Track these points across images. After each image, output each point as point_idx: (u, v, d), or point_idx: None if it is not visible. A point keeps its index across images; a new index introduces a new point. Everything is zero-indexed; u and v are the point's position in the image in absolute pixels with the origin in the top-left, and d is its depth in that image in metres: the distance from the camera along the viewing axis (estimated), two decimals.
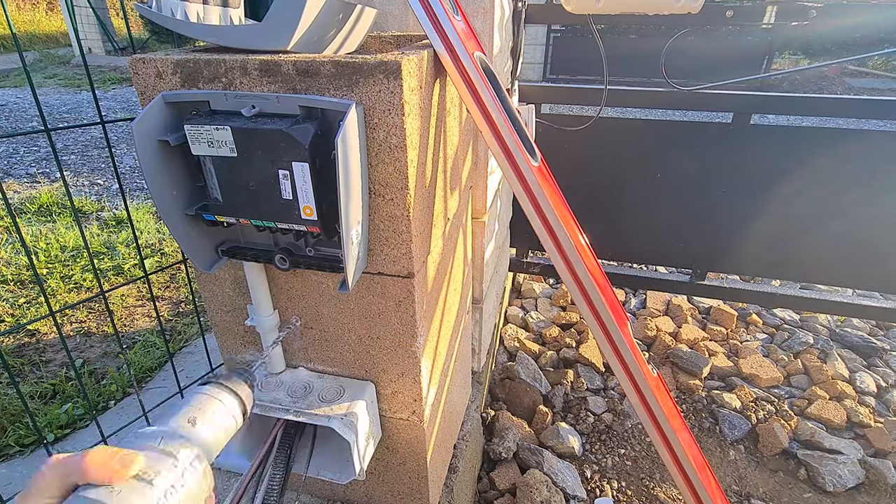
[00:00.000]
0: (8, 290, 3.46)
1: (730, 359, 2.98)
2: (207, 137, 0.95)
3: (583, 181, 2.61)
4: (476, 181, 1.80)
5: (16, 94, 9.58)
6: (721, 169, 2.42)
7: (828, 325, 3.35)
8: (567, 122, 2.42)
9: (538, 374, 2.82)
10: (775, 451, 2.45)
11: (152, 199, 1.00)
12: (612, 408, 2.67)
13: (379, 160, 1.02)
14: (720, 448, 2.48)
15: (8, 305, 3.29)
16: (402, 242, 1.11)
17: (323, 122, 0.97)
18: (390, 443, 1.47)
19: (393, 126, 0.98)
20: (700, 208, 2.52)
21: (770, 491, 2.32)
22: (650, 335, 3.09)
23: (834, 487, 2.29)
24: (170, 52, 1.10)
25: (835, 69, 11.26)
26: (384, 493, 1.60)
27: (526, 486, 2.15)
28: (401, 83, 0.94)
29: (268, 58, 0.99)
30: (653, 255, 2.77)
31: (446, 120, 1.25)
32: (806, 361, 2.93)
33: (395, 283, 1.17)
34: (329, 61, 0.95)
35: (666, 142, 2.46)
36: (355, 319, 1.26)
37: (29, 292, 3.44)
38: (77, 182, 5.64)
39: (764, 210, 2.45)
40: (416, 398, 1.35)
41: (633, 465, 2.41)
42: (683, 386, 2.77)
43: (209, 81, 1.02)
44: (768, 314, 3.43)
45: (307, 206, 0.98)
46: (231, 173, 0.99)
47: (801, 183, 2.37)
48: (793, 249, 2.51)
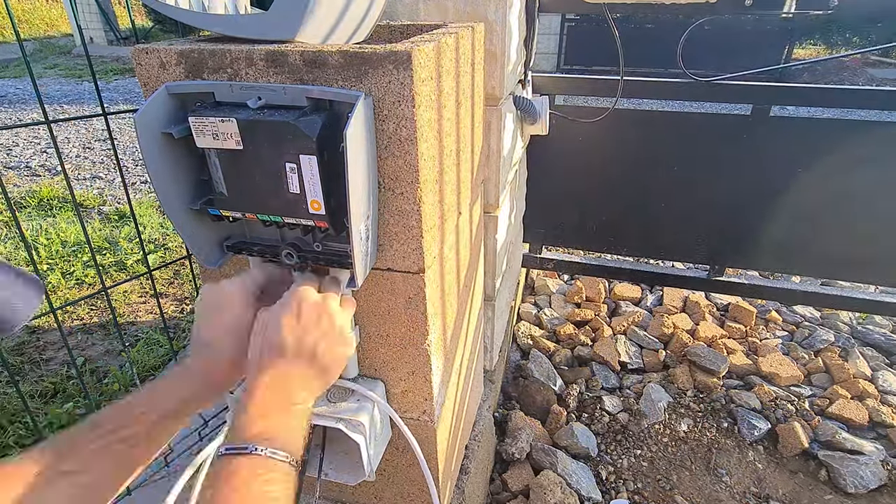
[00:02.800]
0: None
1: (749, 357, 2.97)
2: (212, 129, 0.94)
3: (597, 174, 2.60)
4: (488, 175, 1.80)
5: (15, 85, 9.62)
6: (740, 162, 2.41)
7: (849, 322, 3.33)
8: (582, 113, 2.40)
9: (552, 373, 2.82)
10: (795, 452, 2.44)
11: (155, 193, 1.00)
12: (627, 407, 2.67)
13: (389, 153, 1.02)
14: (739, 449, 2.47)
15: None
16: (412, 238, 1.10)
17: (331, 113, 0.96)
18: (400, 443, 1.47)
19: (403, 118, 0.98)
20: (718, 202, 2.51)
21: (790, 493, 2.31)
22: (667, 333, 3.08)
23: (855, 489, 2.28)
24: (174, 41, 1.10)
25: (856, 59, 11.17)
26: (394, 495, 1.60)
27: (539, 487, 2.15)
28: (411, 74, 0.93)
29: (274, 48, 0.98)
30: (669, 251, 2.75)
31: (458, 111, 1.24)
32: (827, 360, 2.92)
33: (405, 279, 1.17)
34: (337, 51, 0.95)
35: (683, 134, 2.45)
36: (364, 317, 1.26)
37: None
38: (78, 175, 5.66)
39: (784, 204, 2.44)
40: (426, 397, 1.34)
41: (649, 466, 2.40)
42: (701, 385, 2.76)
43: (214, 72, 1.02)
44: (788, 311, 3.41)
45: (315, 201, 0.97)
46: (237, 167, 0.98)
47: (822, 176, 2.35)
48: (813, 245, 2.49)
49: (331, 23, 1.08)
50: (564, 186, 2.65)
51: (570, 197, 2.68)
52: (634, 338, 3.10)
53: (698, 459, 2.43)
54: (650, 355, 2.98)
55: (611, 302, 3.46)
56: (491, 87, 1.66)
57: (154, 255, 3.95)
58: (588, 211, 2.70)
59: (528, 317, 3.32)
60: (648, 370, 2.93)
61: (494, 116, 1.71)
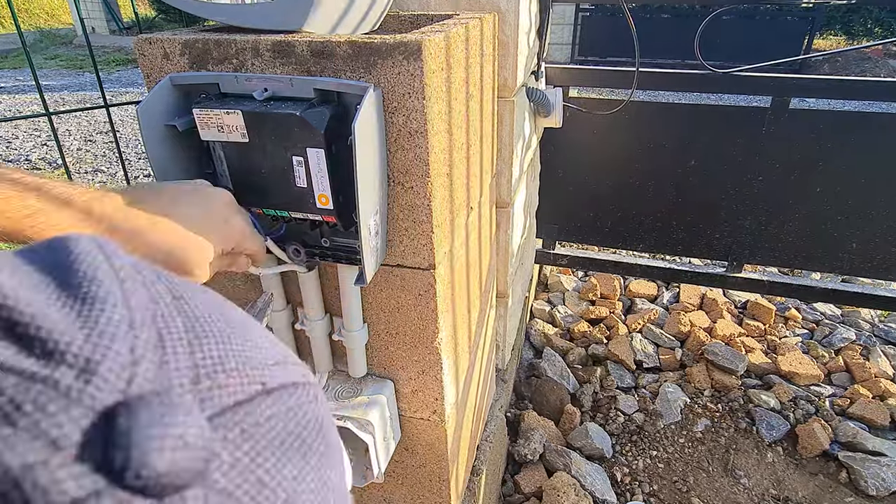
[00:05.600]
0: None
1: (767, 356, 2.95)
2: (217, 122, 0.94)
3: (612, 168, 2.59)
4: (500, 169, 1.79)
5: (15, 76, 9.66)
6: (758, 155, 2.39)
7: (871, 320, 3.31)
8: (596, 105, 2.39)
9: (566, 372, 2.81)
10: (815, 453, 2.43)
11: None
12: (643, 407, 2.66)
13: (398, 146, 1.01)
14: (757, 450, 2.46)
15: None
16: (422, 233, 1.10)
17: (339, 105, 0.96)
18: (410, 444, 1.47)
19: (413, 110, 0.97)
20: (736, 196, 2.50)
21: (809, 495, 2.30)
22: (683, 331, 3.07)
23: (877, 491, 2.26)
24: (178, 31, 1.10)
25: (878, 50, 11.08)
26: (403, 497, 1.60)
27: (553, 489, 2.14)
28: (421, 65, 0.93)
29: (280, 38, 0.98)
30: (686, 246, 2.74)
31: (469, 104, 1.24)
32: (847, 358, 2.90)
33: (414, 275, 1.16)
34: (345, 42, 0.94)
35: (700, 127, 2.44)
36: (373, 314, 1.26)
37: None
38: (80, 169, 5.68)
39: (804, 199, 2.42)
40: (436, 397, 1.34)
41: (665, 467, 2.40)
42: (719, 384, 2.75)
43: (219, 63, 1.02)
44: (808, 309, 3.39)
45: (322, 195, 0.97)
46: (242, 160, 0.98)
47: (843, 170, 2.34)
48: (834, 240, 2.48)
49: (339, 12, 1.08)
50: (578, 180, 2.65)
51: (585, 191, 2.67)
52: (650, 336, 3.09)
53: (716, 461, 2.42)
54: (666, 354, 2.97)
55: (626, 299, 3.45)
56: (503, 78, 1.65)
57: None
58: (602, 205, 2.69)
59: (541, 314, 3.31)
60: (664, 369, 2.92)
61: (507, 109, 1.70)
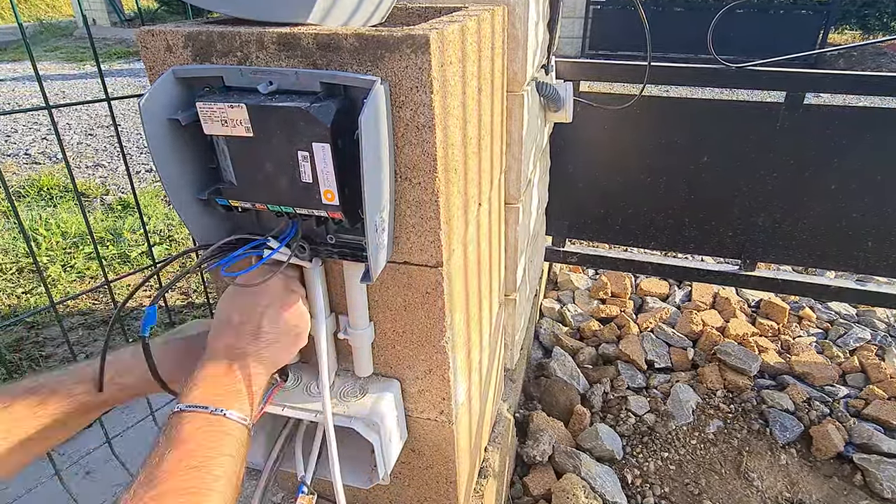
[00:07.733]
0: (6, 279, 3.51)
1: (781, 356, 2.95)
2: (221, 116, 0.94)
3: (623, 164, 2.59)
4: (510, 164, 1.79)
5: (14, 69, 9.68)
6: (772, 151, 2.39)
7: (886, 320, 3.30)
8: (607, 100, 2.39)
9: (575, 372, 2.81)
10: (829, 455, 2.43)
11: (161, 181, 0.99)
12: (654, 408, 2.65)
13: (405, 141, 1.01)
14: (771, 451, 2.46)
15: (5, 296, 3.33)
16: (430, 230, 1.10)
17: (345, 99, 0.96)
18: (416, 445, 1.46)
19: (420, 104, 0.97)
20: (749, 194, 2.49)
21: (823, 497, 2.29)
22: (696, 330, 3.06)
23: (892, 494, 2.26)
24: (181, 23, 1.10)
25: (894, 45, 11.06)
26: (409, 499, 1.60)
27: (562, 491, 2.14)
28: (429, 58, 0.92)
29: (286, 30, 0.98)
30: (698, 244, 2.73)
31: (478, 98, 1.24)
32: (863, 359, 2.89)
33: (422, 272, 1.16)
34: (352, 34, 0.94)
35: (713, 122, 2.43)
36: (379, 312, 1.25)
37: (28, 281, 3.48)
38: (80, 163, 5.69)
39: (818, 196, 2.42)
40: (444, 397, 1.34)
41: (676, 469, 2.39)
42: (731, 384, 2.75)
43: (223, 56, 1.02)
44: (822, 308, 3.38)
45: (328, 191, 0.97)
46: (246, 154, 0.98)
47: (858, 167, 2.33)
48: (849, 238, 2.47)
49: (345, 5, 1.08)
50: (589, 176, 2.64)
51: (595, 187, 2.67)
52: (662, 335, 3.08)
53: (728, 462, 2.42)
54: (678, 354, 2.96)
55: (637, 298, 3.45)
56: (513, 72, 1.65)
57: (159, 247, 3.96)
58: (613, 202, 2.68)
59: (550, 313, 3.31)
60: (676, 369, 2.92)
61: (516, 103, 1.70)
